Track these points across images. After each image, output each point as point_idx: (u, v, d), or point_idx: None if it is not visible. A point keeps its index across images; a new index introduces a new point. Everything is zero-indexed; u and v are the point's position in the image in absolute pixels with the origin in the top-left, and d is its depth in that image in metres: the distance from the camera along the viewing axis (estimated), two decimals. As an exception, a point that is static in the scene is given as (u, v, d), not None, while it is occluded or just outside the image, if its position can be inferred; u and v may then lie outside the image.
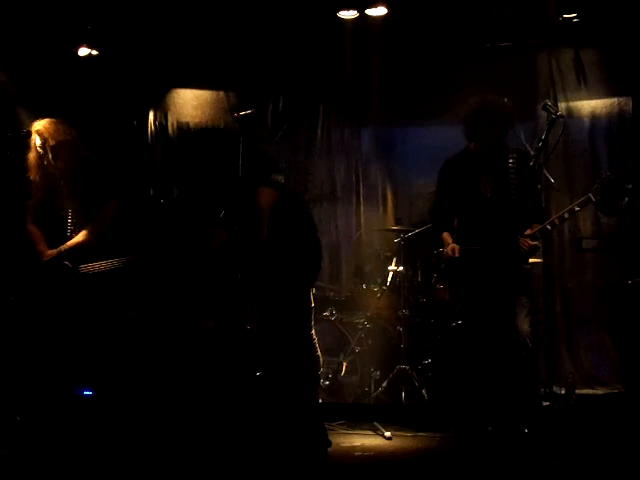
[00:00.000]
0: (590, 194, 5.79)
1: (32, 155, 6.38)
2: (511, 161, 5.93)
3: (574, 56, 7.93)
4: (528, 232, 5.89)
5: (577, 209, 5.86)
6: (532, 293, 6.19)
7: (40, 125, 6.38)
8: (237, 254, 5.50)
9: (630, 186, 5.93)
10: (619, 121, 7.95)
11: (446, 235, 6.22)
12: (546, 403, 6.52)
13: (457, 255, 6.04)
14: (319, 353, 5.60)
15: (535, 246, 5.90)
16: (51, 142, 6.34)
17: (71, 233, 6.40)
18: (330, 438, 5.55)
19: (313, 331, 5.61)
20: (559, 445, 5.44)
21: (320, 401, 6.19)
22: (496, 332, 5.83)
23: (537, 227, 5.91)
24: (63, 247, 6.32)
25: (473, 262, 5.96)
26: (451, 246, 6.10)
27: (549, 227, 5.92)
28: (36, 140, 6.35)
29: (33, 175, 6.39)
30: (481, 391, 5.81)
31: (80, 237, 6.36)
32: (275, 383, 5.44)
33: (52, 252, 6.33)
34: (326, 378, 6.90)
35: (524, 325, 5.85)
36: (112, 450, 5.28)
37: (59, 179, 6.41)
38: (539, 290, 7.54)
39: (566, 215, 5.90)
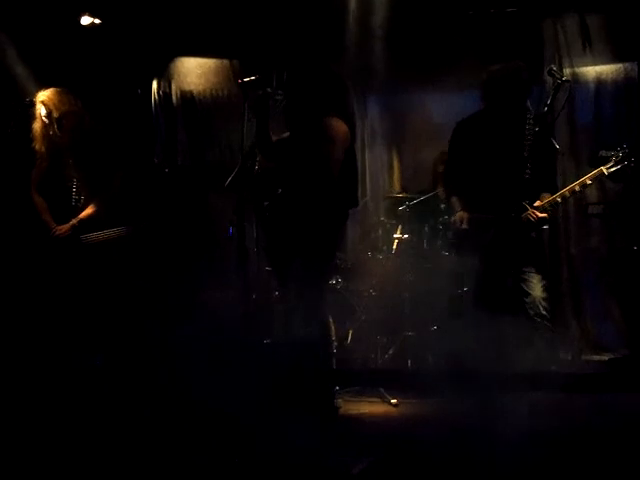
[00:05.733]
0: (603, 168, 5.78)
1: (37, 125, 6.40)
2: (528, 128, 5.88)
3: (579, 22, 7.87)
4: (537, 204, 5.88)
5: (589, 182, 5.84)
6: (544, 260, 6.19)
7: (45, 95, 6.40)
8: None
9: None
10: (625, 87, 7.92)
11: (455, 200, 6.22)
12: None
13: (466, 226, 6.02)
14: (330, 319, 5.60)
15: (544, 218, 5.90)
16: (56, 113, 6.36)
17: (76, 203, 6.42)
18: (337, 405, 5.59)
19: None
20: (567, 410, 5.45)
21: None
22: (506, 300, 5.81)
23: (547, 198, 5.89)
24: (75, 220, 6.35)
25: (481, 230, 5.95)
26: (460, 214, 6.09)
27: (559, 200, 5.90)
28: (41, 110, 6.36)
29: (39, 145, 6.41)
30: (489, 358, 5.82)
31: (89, 210, 6.40)
32: (286, 344, 5.44)
33: (65, 227, 6.36)
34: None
35: (537, 292, 5.87)
36: (119, 421, 5.29)
37: (64, 149, 6.42)
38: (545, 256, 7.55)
39: (577, 188, 5.88)
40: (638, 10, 7.41)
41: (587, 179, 5.85)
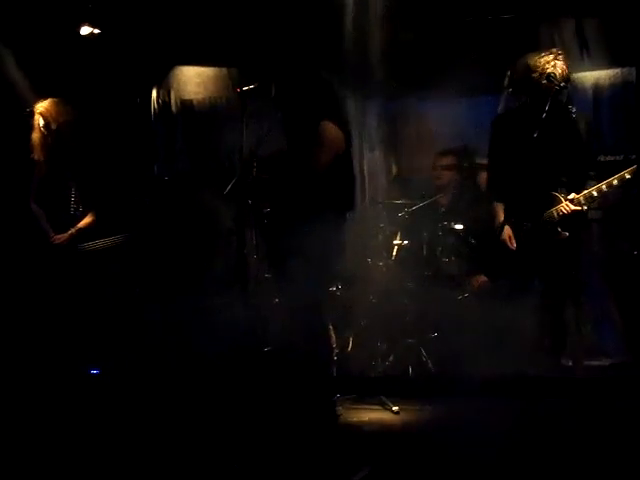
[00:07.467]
0: None
1: (36, 135, 6.45)
2: (570, 124, 5.77)
3: (576, 27, 7.87)
4: (573, 196, 5.76)
5: (628, 177, 5.68)
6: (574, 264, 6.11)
7: (42, 107, 6.46)
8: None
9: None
10: (622, 91, 7.90)
11: (498, 208, 6.03)
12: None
13: (512, 247, 5.89)
14: (330, 326, 5.60)
15: (579, 212, 5.77)
16: (53, 124, 6.42)
17: (74, 212, 6.46)
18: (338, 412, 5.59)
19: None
20: (568, 415, 5.44)
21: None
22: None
23: (582, 192, 5.75)
24: (73, 230, 6.38)
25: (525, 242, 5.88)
26: (507, 234, 5.91)
27: (595, 193, 5.75)
28: (39, 121, 6.40)
29: (37, 155, 6.47)
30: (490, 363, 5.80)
31: (88, 219, 6.44)
32: (284, 355, 5.44)
33: (63, 236, 6.39)
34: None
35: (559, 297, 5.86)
36: (119, 427, 5.29)
37: (63, 159, 6.45)
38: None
39: (615, 182, 5.71)
40: (635, 14, 7.41)
41: (626, 173, 5.65)
